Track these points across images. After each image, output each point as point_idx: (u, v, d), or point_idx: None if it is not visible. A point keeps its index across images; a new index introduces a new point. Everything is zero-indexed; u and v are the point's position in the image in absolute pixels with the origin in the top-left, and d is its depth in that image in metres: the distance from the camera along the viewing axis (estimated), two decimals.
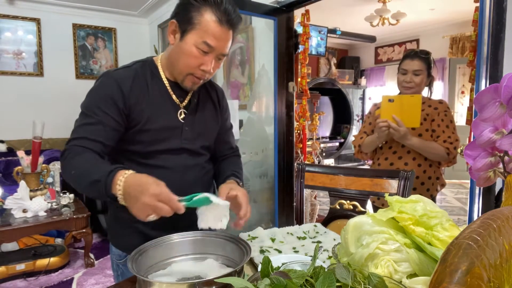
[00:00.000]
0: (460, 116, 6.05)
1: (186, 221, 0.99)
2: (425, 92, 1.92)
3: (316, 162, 4.27)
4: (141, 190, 0.83)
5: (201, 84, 1.12)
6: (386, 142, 1.89)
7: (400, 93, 1.90)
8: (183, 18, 1.00)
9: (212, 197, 0.89)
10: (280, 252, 1.06)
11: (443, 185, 1.91)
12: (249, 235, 1.18)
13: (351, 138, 7.65)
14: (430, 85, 1.92)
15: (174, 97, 1.11)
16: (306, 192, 3.64)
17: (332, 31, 6.04)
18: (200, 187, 1.14)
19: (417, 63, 1.81)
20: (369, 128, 1.98)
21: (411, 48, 1.98)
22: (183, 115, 1.12)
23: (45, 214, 2.76)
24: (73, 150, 0.96)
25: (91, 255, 3.04)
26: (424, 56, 1.83)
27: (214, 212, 0.92)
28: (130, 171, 0.89)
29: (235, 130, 2.42)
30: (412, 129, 1.79)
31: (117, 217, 1.17)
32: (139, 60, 1.15)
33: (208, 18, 0.98)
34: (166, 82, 1.11)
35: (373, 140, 1.86)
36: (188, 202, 0.87)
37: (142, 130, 1.06)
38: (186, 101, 1.13)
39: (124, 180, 0.86)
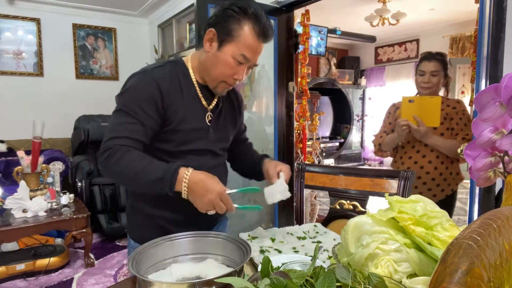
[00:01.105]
0: None
1: (206, 218, 1.08)
2: (440, 92, 2.00)
3: (316, 162, 4.27)
4: (206, 189, 0.95)
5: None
6: (409, 141, 1.97)
7: (417, 94, 1.99)
8: (223, 29, 1.03)
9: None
10: (280, 252, 1.06)
11: (461, 179, 2.00)
12: (249, 235, 1.18)
13: (351, 138, 7.66)
14: (447, 85, 1.99)
15: (203, 99, 1.14)
16: (306, 192, 3.64)
17: (332, 31, 6.04)
18: None
19: (434, 64, 1.89)
20: (389, 127, 2.07)
21: (427, 51, 2.09)
22: (209, 118, 1.16)
23: (45, 214, 2.76)
24: (118, 149, 0.98)
25: (91, 255, 3.04)
26: (440, 58, 1.91)
27: (278, 188, 1.11)
28: (190, 169, 0.98)
29: None
30: (434, 128, 1.87)
31: (138, 211, 1.20)
32: (169, 59, 1.17)
33: (247, 32, 1.03)
34: (196, 84, 1.13)
35: (393, 138, 1.95)
36: (240, 206, 1.04)
37: (174, 130, 1.09)
38: (212, 104, 1.17)
39: (189, 178, 0.96)
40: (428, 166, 1.91)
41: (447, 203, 1.95)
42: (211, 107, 1.16)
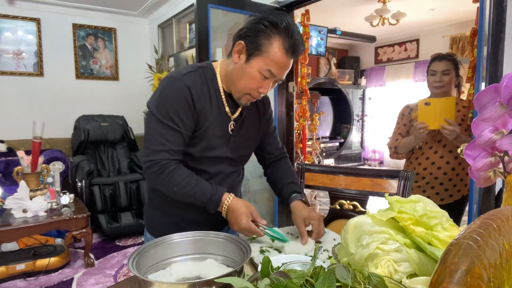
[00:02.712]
0: None
1: (222, 218, 1.12)
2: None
3: (316, 162, 4.27)
4: (235, 219, 1.07)
5: None
6: (426, 142, 1.96)
7: (430, 95, 1.98)
8: (252, 43, 1.02)
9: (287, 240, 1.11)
10: (280, 252, 1.06)
11: None
12: None
13: (351, 138, 7.66)
14: (459, 85, 2.00)
15: (227, 108, 1.14)
16: (306, 192, 3.64)
17: (332, 31, 6.04)
18: (233, 191, 1.22)
19: (445, 64, 1.89)
20: (403, 129, 2.06)
21: (437, 53, 2.11)
22: (232, 127, 1.16)
23: (45, 214, 2.76)
24: (167, 166, 1.05)
25: (91, 255, 3.04)
26: (451, 58, 1.92)
27: (303, 249, 1.08)
28: (232, 196, 1.09)
29: None
30: None
31: (158, 209, 1.23)
32: (200, 64, 1.16)
33: (276, 49, 1.01)
34: (222, 92, 1.14)
35: (410, 141, 1.94)
36: (270, 235, 1.10)
37: (201, 136, 1.10)
38: (236, 113, 1.17)
39: (228, 205, 1.08)
40: (446, 166, 1.92)
41: (463, 203, 1.99)
42: (235, 116, 1.16)
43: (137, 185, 3.78)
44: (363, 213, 1.29)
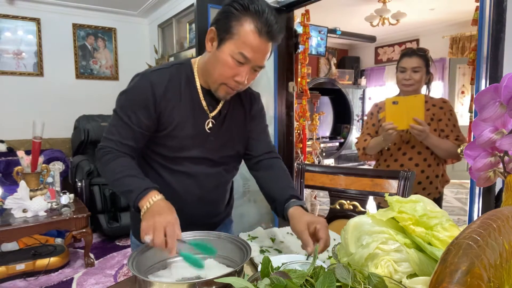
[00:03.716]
0: (460, 116, 6.04)
1: (210, 220, 1.10)
2: (423, 90, 1.93)
3: (316, 162, 4.27)
4: (161, 212, 0.89)
5: (234, 94, 1.08)
6: (395, 143, 1.86)
7: (400, 93, 1.91)
8: (222, 27, 0.98)
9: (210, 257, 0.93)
10: (280, 252, 1.06)
11: (447, 181, 1.93)
12: (249, 235, 1.18)
13: (351, 138, 7.65)
14: (429, 82, 1.91)
15: (204, 105, 1.09)
16: (306, 192, 3.64)
17: (332, 31, 6.03)
18: (217, 194, 1.18)
19: (415, 60, 1.80)
20: (372, 129, 1.96)
21: (408, 47, 1.99)
22: (210, 125, 1.10)
23: (45, 214, 2.76)
24: (109, 152, 1.04)
25: (91, 255, 3.03)
26: (422, 54, 1.82)
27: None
28: (160, 196, 0.95)
29: None
30: None
31: None
32: (178, 61, 1.13)
33: (247, 29, 0.95)
34: (199, 89, 1.09)
35: (379, 142, 1.83)
36: (191, 246, 0.91)
37: (169, 136, 1.08)
38: (216, 111, 1.11)
39: (155, 200, 0.93)
40: (415, 169, 1.80)
41: None
42: (213, 113, 1.11)
43: None
44: (363, 213, 1.29)
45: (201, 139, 1.10)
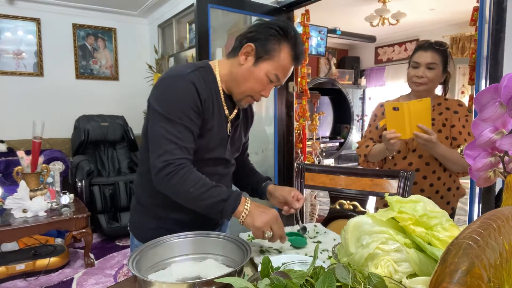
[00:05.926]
0: None
1: (211, 220, 1.12)
2: (437, 91, 1.69)
3: (316, 162, 4.27)
4: (265, 211, 1.02)
5: None
6: (399, 152, 1.64)
7: (410, 92, 1.68)
8: (262, 47, 1.04)
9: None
10: (280, 252, 1.06)
11: (463, 194, 1.70)
12: (249, 235, 1.18)
13: (351, 138, 7.65)
14: (445, 82, 1.67)
15: (226, 109, 1.14)
16: (306, 192, 3.64)
17: (332, 31, 6.03)
18: None
19: (431, 55, 1.54)
20: (375, 133, 1.73)
21: (424, 40, 1.63)
22: (229, 128, 1.16)
23: (45, 214, 2.76)
24: (181, 167, 0.99)
25: (91, 255, 3.03)
26: (440, 48, 1.56)
27: None
28: (248, 197, 1.07)
29: None
30: None
31: (145, 212, 1.19)
32: (198, 64, 1.12)
33: (285, 55, 1.05)
34: (222, 94, 1.13)
35: (382, 150, 1.60)
36: (291, 238, 1.11)
37: (201, 136, 1.08)
38: (233, 114, 1.17)
39: (250, 202, 1.03)
40: (422, 182, 1.59)
41: None
42: (231, 117, 1.16)
43: None
44: (363, 213, 1.29)
45: (224, 141, 1.15)
